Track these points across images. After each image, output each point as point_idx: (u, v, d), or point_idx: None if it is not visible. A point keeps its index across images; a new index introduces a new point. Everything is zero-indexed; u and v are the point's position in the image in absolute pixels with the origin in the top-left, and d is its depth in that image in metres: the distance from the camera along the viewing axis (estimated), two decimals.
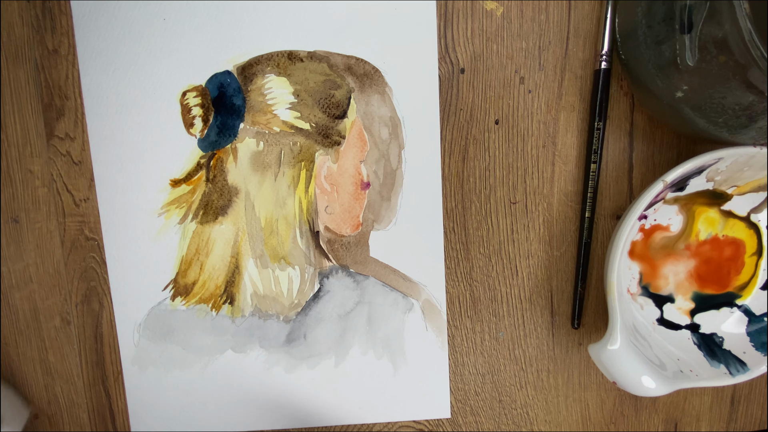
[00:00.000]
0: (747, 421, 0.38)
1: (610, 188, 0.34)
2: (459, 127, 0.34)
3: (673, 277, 0.35)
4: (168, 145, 0.33)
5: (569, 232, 0.35)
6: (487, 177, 0.34)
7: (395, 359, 0.36)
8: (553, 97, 0.33)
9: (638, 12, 0.28)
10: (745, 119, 0.26)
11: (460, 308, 0.36)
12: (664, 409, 0.37)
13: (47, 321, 0.35)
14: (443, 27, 0.33)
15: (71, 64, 0.32)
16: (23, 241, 0.34)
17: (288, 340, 0.35)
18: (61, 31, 0.32)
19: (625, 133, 0.34)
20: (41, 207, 0.34)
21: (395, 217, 0.34)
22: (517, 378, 0.37)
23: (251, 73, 0.33)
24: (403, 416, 0.37)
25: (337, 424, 0.37)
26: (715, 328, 0.35)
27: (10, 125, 0.33)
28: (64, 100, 0.33)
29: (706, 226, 0.34)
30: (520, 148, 0.34)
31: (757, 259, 0.34)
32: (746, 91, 0.24)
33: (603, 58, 0.32)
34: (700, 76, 0.25)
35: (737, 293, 0.35)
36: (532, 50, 0.33)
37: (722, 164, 0.30)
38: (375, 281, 0.35)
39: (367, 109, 0.33)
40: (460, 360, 0.36)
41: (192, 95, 0.33)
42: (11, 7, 0.32)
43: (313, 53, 0.33)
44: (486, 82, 0.33)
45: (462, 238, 0.35)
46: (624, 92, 0.33)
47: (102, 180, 0.33)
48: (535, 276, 0.35)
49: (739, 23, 0.21)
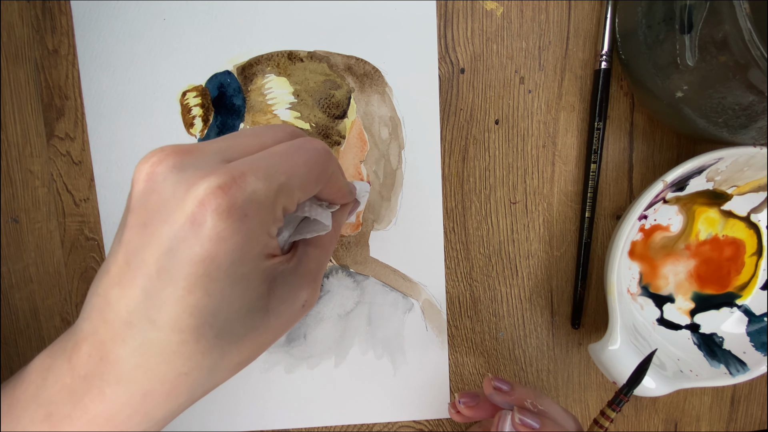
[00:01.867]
0: (747, 421, 0.38)
1: (610, 188, 0.34)
2: (459, 127, 0.34)
3: (673, 277, 0.35)
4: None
5: (569, 232, 0.35)
6: (487, 177, 0.34)
7: (395, 359, 0.36)
8: (553, 97, 0.33)
9: (638, 12, 0.28)
10: (745, 119, 0.26)
11: (460, 308, 0.36)
12: (664, 409, 0.38)
13: (47, 321, 0.35)
14: (443, 27, 0.33)
15: (71, 64, 0.32)
16: (23, 241, 0.34)
17: (288, 339, 0.35)
18: (61, 31, 0.32)
19: (625, 133, 0.34)
20: (41, 207, 0.34)
21: (395, 217, 0.34)
22: (517, 378, 0.37)
23: (251, 73, 0.33)
24: (403, 416, 0.37)
25: (337, 424, 0.37)
26: (715, 328, 0.35)
27: (10, 125, 0.33)
28: (64, 100, 0.33)
29: (706, 226, 0.34)
30: (520, 148, 0.34)
31: (757, 259, 0.34)
32: (746, 91, 0.24)
33: (603, 58, 0.32)
34: (700, 76, 0.25)
35: (737, 293, 0.35)
36: (532, 50, 0.33)
37: (722, 164, 0.30)
38: (375, 281, 0.35)
39: (367, 109, 0.33)
40: (460, 360, 0.36)
41: (192, 95, 0.33)
42: (11, 7, 0.32)
43: (313, 53, 0.33)
44: (486, 82, 0.33)
45: (462, 238, 0.35)
46: (624, 92, 0.33)
47: (102, 180, 0.33)
48: (535, 276, 0.35)
49: (739, 23, 0.21)
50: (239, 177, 0.17)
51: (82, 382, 0.18)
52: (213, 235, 0.17)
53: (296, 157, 0.19)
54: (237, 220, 0.17)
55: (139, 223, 0.18)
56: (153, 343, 0.18)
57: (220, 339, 0.18)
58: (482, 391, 0.32)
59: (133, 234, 0.18)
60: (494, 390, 0.30)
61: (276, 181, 0.18)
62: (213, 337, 0.18)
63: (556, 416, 0.28)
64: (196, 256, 0.17)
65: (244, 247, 0.18)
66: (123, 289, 0.18)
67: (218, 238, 0.17)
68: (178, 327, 0.17)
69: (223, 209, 0.17)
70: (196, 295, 0.17)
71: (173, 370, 0.18)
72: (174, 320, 0.17)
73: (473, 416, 0.31)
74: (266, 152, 0.19)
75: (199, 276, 0.17)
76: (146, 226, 0.17)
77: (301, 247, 0.22)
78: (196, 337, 0.18)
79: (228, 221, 0.17)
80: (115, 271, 0.18)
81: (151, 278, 0.17)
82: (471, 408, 0.31)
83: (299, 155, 0.19)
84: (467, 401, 0.31)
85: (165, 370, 0.18)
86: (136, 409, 0.18)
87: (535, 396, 0.29)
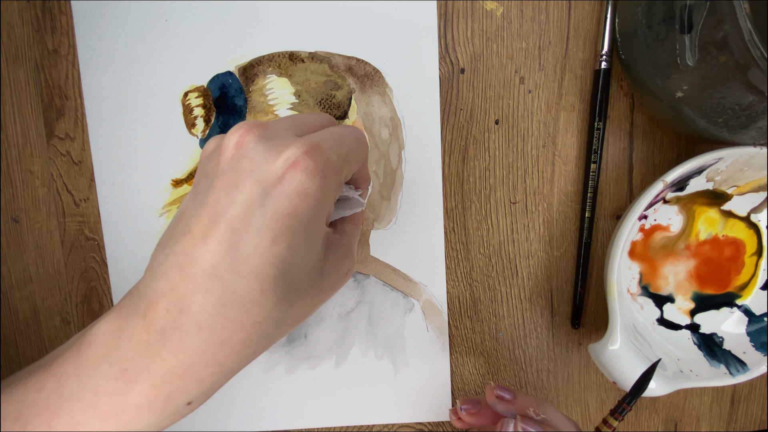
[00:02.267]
0: (747, 421, 0.38)
1: (610, 188, 0.34)
2: (459, 127, 0.34)
3: (673, 277, 0.35)
4: (169, 146, 0.33)
5: (569, 232, 0.35)
6: (487, 177, 0.34)
7: (396, 359, 0.36)
8: (553, 97, 0.33)
9: (638, 12, 0.28)
10: (745, 119, 0.26)
11: (460, 308, 0.36)
12: (664, 409, 0.38)
13: (47, 321, 0.35)
14: (443, 27, 0.33)
15: (71, 64, 0.32)
16: (23, 241, 0.34)
17: (288, 339, 0.35)
18: (61, 31, 0.32)
19: (625, 133, 0.34)
20: (41, 207, 0.34)
21: (395, 217, 0.34)
22: (517, 378, 0.37)
23: (253, 74, 0.33)
24: (404, 417, 0.37)
25: (337, 425, 0.37)
26: (715, 328, 0.35)
27: (10, 125, 0.33)
28: (64, 100, 0.33)
29: (706, 226, 0.34)
30: (520, 148, 0.34)
31: (757, 259, 0.34)
32: (746, 91, 0.24)
33: (603, 58, 0.32)
34: (700, 76, 0.25)
35: (737, 293, 0.35)
36: (532, 50, 0.33)
37: (722, 164, 0.30)
38: (375, 281, 0.35)
39: (368, 109, 0.33)
40: (461, 360, 0.36)
41: (194, 96, 0.33)
42: (11, 7, 0.32)
43: (314, 54, 0.33)
44: (486, 82, 0.33)
45: (462, 238, 0.35)
46: (624, 92, 0.33)
47: (102, 180, 0.33)
48: (535, 276, 0.35)
49: (739, 23, 0.21)
50: (318, 145, 0.20)
51: (161, 335, 0.19)
52: (301, 190, 0.19)
53: (349, 136, 0.23)
54: (320, 179, 0.20)
55: (229, 184, 0.20)
56: (235, 292, 0.19)
57: (290, 292, 0.20)
58: (484, 398, 0.32)
59: (221, 194, 0.20)
60: (496, 399, 0.30)
61: (341, 152, 0.21)
62: (285, 289, 0.20)
63: (559, 424, 0.28)
64: (285, 209, 0.19)
65: (320, 204, 0.20)
66: (207, 244, 0.19)
67: (305, 194, 0.20)
68: (260, 276, 0.19)
69: (311, 169, 0.20)
70: (280, 245, 0.19)
71: (250, 318, 0.20)
72: (257, 269, 0.19)
73: (474, 423, 0.31)
74: (327, 130, 0.22)
75: (285, 228, 0.19)
76: (236, 186, 0.20)
77: (339, 225, 0.25)
78: (273, 287, 0.20)
79: (314, 179, 0.20)
80: (198, 230, 0.19)
81: (238, 232, 0.19)
82: (472, 415, 0.31)
83: (351, 135, 0.23)
84: (469, 408, 0.31)
85: (243, 318, 0.19)
86: (213, 358, 0.20)
87: (537, 404, 0.29)
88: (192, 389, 0.20)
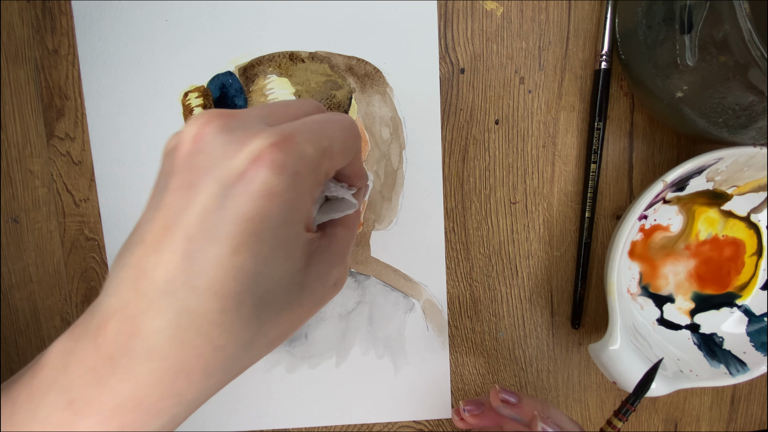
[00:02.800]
0: (747, 421, 0.38)
1: (610, 188, 0.34)
2: (459, 127, 0.34)
3: (673, 277, 0.35)
4: None
5: (569, 232, 0.35)
6: (487, 177, 0.34)
7: (396, 359, 0.36)
8: (553, 97, 0.33)
9: (638, 12, 0.28)
10: (745, 119, 0.26)
11: (460, 308, 0.36)
12: (664, 409, 0.38)
13: (47, 321, 0.35)
14: (443, 27, 0.33)
15: (71, 64, 0.32)
16: (23, 241, 0.34)
17: (289, 339, 0.35)
18: (61, 31, 0.32)
19: (625, 133, 0.34)
20: (41, 207, 0.34)
21: (396, 217, 0.34)
22: (517, 378, 0.37)
23: (253, 74, 0.33)
24: (404, 416, 0.37)
25: (338, 424, 0.37)
26: (715, 328, 0.35)
27: (10, 125, 0.33)
28: (64, 100, 0.33)
29: (706, 226, 0.34)
30: (520, 148, 0.34)
31: (757, 259, 0.35)
32: (746, 91, 0.24)
33: (603, 58, 0.32)
34: (700, 76, 0.25)
35: (737, 293, 0.35)
36: (532, 50, 0.33)
37: (722, 164, 0.30)
38: (376, 281, 0.35)
39: (368, 109, 0.33)
40: (461, 360, 0.36)
41: (194, 96, 0.33)
42: (11, 7, 0.32)
43: (315, 54, 0.33)
44: (486, 82, 0.33)
45: (462, 238, 0.35)
46: (624, 92, 0.33)
47: (102, 180, 0.33)
48: (535, 276, 0.35)
49: (739, 23, 0.21)
50: (290, 137, 0.18)
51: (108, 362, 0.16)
52: (265, 190, 0.17)
53: (334, 125, 0.20)
54: (290, 175, 0.17)
55: (184, 184, 0.17)
56: (191, 311, 0.16)
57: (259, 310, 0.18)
58: (487, 399, 0.32)
59: (175, 197, 0.17)
60: (501, 402, 0.29)
61: (321, 144, 0.18)
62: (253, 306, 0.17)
63: (564, 427, 0.28)
64: (247, 212, 0.16)
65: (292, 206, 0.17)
66: (160, 255, 0.17)
67: (270, 193, 0.17)
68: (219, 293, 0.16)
69: (278, 164, 0.17)
70: (242, 256, 0.16)
71: (210, 342, 0.17)
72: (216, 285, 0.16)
73: (477, 425, 0.31)
74: (307, 119, 0.20)
75: (248, 235, 0.16)
76: (191, 186, 0.17)
77: (329, 228, 0.22)
78: (236, 305, 0.17)
79: (282, 176, 0.17)
80: (151, 239, 0.17)
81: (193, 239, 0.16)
82: (475, 416, 0.31)
83: (336, 123, 0.20)
84: (472, 409, 0.31)
85: (201, 343, 0.17)
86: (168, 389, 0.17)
87: (542, 407, 0.29)
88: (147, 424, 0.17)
